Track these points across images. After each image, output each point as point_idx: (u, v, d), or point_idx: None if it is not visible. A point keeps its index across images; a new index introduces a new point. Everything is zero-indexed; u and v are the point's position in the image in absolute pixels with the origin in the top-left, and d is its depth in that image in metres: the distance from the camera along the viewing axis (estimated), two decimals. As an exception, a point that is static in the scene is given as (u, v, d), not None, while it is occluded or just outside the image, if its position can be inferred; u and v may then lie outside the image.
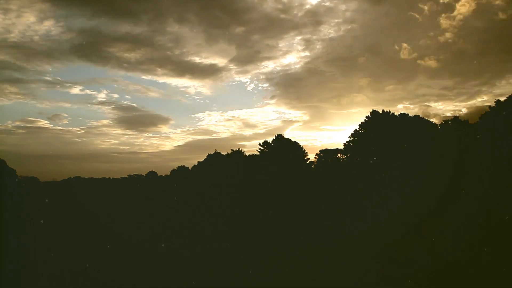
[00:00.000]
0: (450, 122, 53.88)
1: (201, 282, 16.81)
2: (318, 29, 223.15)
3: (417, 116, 57.97)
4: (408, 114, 57.45)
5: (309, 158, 70.24)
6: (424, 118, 57.85)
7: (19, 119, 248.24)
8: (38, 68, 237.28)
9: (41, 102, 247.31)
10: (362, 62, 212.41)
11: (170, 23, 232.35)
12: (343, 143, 61.96)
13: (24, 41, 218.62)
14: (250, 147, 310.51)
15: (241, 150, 79.36)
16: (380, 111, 58.12)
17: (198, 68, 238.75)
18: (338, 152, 67.52)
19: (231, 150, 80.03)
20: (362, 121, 59.57)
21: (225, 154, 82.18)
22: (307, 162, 69.92)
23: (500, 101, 47.33)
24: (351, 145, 60.20)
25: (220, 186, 70.94)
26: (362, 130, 58.95)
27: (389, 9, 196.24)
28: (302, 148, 69.99)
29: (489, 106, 48.89)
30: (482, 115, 49.72)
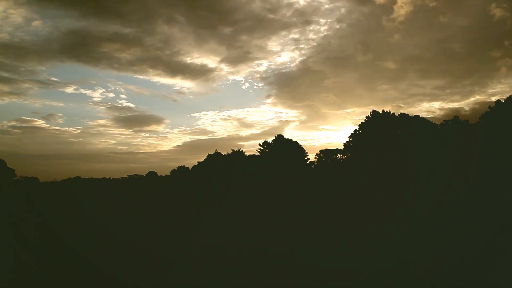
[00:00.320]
0: (450, 122, 53.83)
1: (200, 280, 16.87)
2: (307, 28, 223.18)
3: (417, 116, 57.90)
4: (408, 114, 57.37)
5: (309, 158, 70.26)
6: (424, 118, 57.82)
7: (15, 119, 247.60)
8: (30, 68, 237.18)
9: (34, 102, 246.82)
10: (353, 61, 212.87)
11: (159, 24, 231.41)
12: (343, 143, 61.86)
13: (14, 41, 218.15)
14: (248, 147, 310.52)
15: (241, 150, 79.34)
16: (380, 111, 58.03)
17: (190, 68, 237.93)
18: (338, 152, 67.53)
19: (232, 150, 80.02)
20: (362, 121, 59.51)
21: (225, 154, 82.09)
22: (307, 162, 69.92)
23: (500, 101, 47.32)
24: (351, 145, 60.09)
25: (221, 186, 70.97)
26: (362, 130, 58.84)
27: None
28: (303, 148, 70.00)
29: (489, 106, 48.92)
30: (482, 115, 49.64)
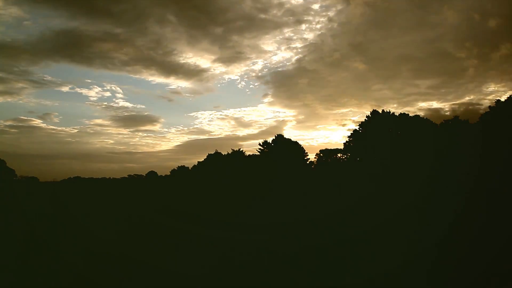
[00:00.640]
0: (450, 122, 53.80)
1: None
2: (299, 28, 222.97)
3: (417, 116, 57.88)
4: (408, 114, 57.32)
5: (309, 158, 70.30)
6: (424, 118, 57.81)
7: (11, 118, 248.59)
8: (23, 67, 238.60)
9: (29, 102, 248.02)
10: (347, 61, 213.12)
11: (151, 24, 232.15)
12: (343, 143, 61.88)
13: (6, 40, 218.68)
14: (247, 147, 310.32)
15: (241, 150, 79.33)
16: (380, 111, 58.01)
17: (183, 68, 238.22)
18: (338, 152, 67.59)
19: (232, 149, 80.00)
20: (362, 120, 59.52)
21: (225, 154, 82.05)
22: (307, 162, 69.96)
23: (500, 101, 47.27)
24: (351, 145, 60.07)
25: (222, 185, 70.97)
26: (362, 130, 58.82)
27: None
28: (302, 148, 70.02)
29: (489, 106, 48.86)
30: (482, 115, 49.59)
